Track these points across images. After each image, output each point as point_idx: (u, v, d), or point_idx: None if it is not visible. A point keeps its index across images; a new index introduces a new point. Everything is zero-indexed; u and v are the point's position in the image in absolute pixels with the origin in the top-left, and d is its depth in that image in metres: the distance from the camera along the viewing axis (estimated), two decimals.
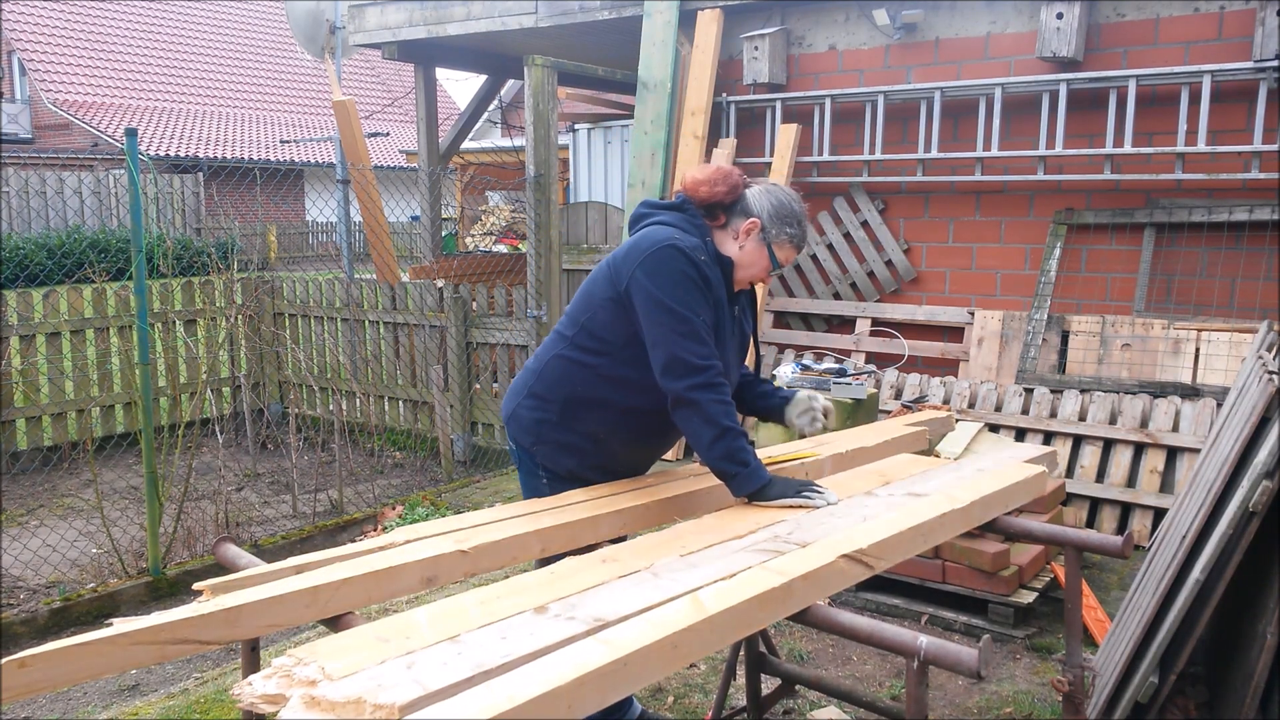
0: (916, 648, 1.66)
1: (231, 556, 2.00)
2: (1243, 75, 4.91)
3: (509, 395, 2.64)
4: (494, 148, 13.77)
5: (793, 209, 2.52)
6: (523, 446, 2.56)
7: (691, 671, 3.51)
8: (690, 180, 2.51)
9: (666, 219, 2.46)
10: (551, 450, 2.52)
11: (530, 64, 6.31)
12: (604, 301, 2.42)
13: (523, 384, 2.59)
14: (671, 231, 2.38)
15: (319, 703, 1.26)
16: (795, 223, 2.51)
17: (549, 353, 2.53)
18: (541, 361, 2.55)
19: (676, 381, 2.28)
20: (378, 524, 5.35)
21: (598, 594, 1.68)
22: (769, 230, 2.47)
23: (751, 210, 2.48)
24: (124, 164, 4.53)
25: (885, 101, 5.95)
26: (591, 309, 2.45)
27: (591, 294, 2.47)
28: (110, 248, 15.08)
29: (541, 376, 2.53)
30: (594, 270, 2.53)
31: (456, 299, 6.61)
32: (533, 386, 2.54)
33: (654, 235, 2.38)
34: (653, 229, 2.42)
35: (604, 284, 2.43)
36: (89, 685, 3.73)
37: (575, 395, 2.48)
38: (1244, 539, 2.31)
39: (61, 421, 6.49)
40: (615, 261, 2.43)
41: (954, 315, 5.94)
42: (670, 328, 2.28)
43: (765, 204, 2.49)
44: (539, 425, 2.52)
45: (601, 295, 2.43)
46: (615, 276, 2.39)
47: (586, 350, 2.45)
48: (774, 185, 2.58)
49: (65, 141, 22.11)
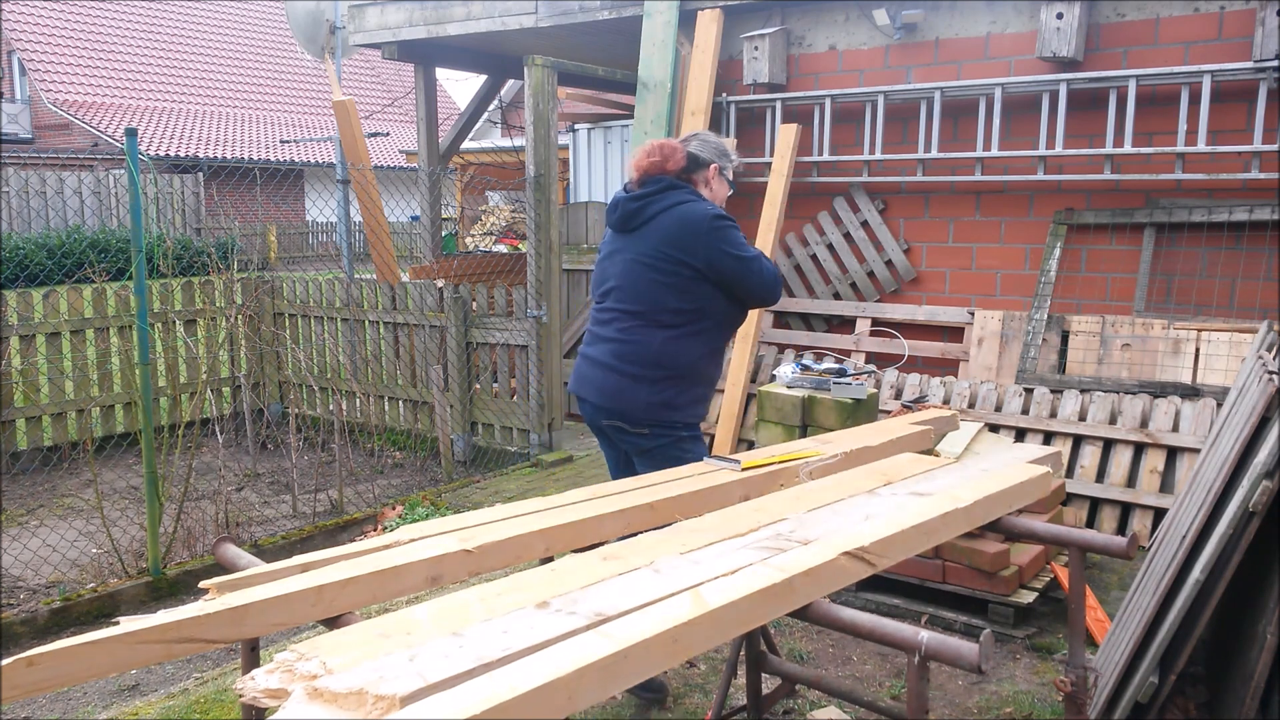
0: (917, 643, 1.67)
1: (231, 557, 2.00)
2: (1243, 75, 4.92)
3: (616, 395, 3.09)
4: (494, 148, 13.78)
5: (721, 143, 3.31)
6: (661, 425, 3.06)
7: (691, 671, 3.51)
8: (648, 162, 3.15)
9: (677, 197, 3.11)
10: (691, 409, 3.11)
11: (530, 64, 6.31)
12: (688, 280, 3.04)
13: (639, 373, 3.05)
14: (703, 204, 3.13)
15: (321, 694, 1.27)
16: (730, 151, 3.32)
17: (655, 339, 3.05)
18: (648, 348, 3.05)
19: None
20: (378, 524, 5.35)
21: (599, 589, 1.68)
22: (724, 168, 3.26)
23: (704, 160, 3.20)
24: (124, 164, 4.54)
25: (885, 101, 5.95)
26: (677, 291, 3.04)
27: (665, 280, 3.05)
28: (110, 248, 15.08)
29: (659, 362, 3.04)
30: (641, 259, 3.09)
31: (456, 299, 6.61)
32: (652, 373, 3.04)
33: (697, 210, 3.08)
34: (689, 206, 3.09)
35: (676, 265, 3.04)
36: (89, 685, 3.73)
37: (694, 359, 3.08)
38: (1244, 539, 2.31)
39: (61, 421, 6.49)
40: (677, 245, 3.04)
41: (954, 315, 5.94)
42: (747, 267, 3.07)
43: (709, 150, 3.23)
44: (678, 396, 3.07)
45: (685, 276, 3.04)
46: (689, 255, 3.03)
47: (691, 321, 3.06)
48: (697, 134, 3.31)
49: (65, 141, 22.11)
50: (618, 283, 3.15)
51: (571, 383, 3.28)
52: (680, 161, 3.16)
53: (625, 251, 3.15)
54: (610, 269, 3.20)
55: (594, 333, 3.22)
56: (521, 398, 6.55)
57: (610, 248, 3.23)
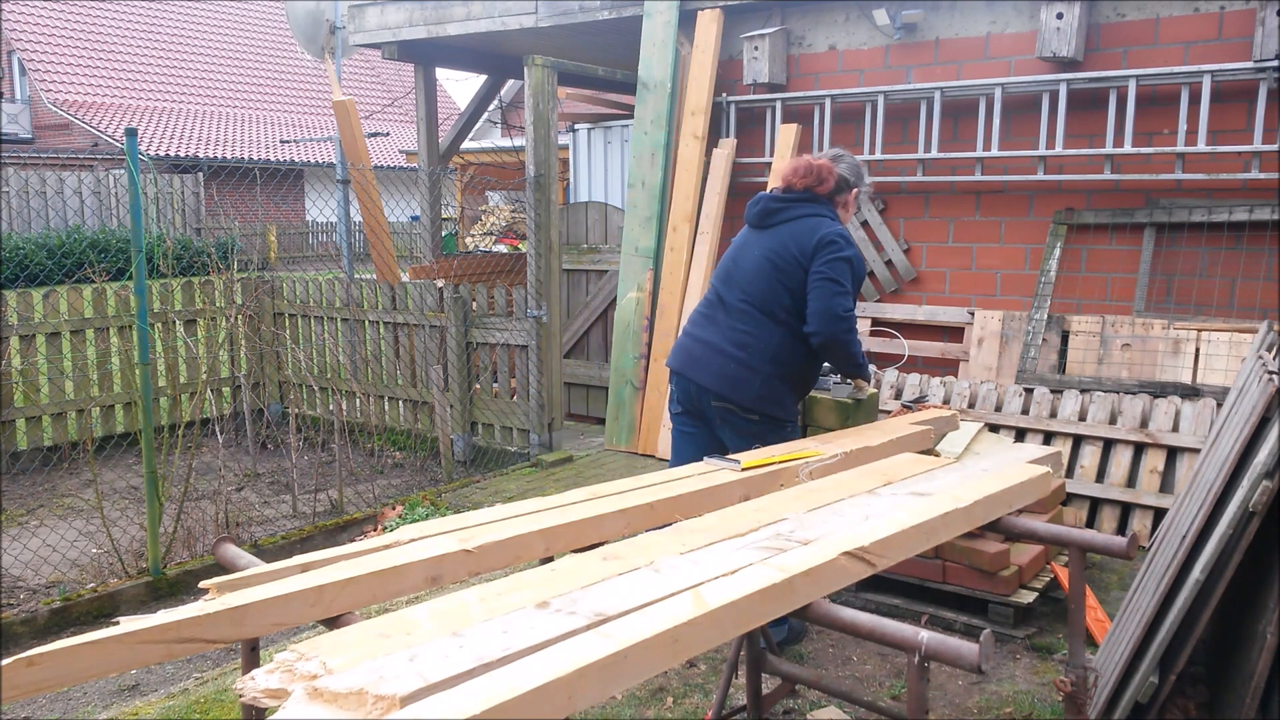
0: (918, 643, 1.67)
1: (231, 557, 2.00)
2: (1243, 75, 4.92)
3: (736, 383, 3.28)
4: (494, 148, 13.77)
5: (860, 166, 3.51)
6: (769, 415, 3.28)
7: (691, 672, 3.51)
8: (802, 184, 3.36)
9: (816, 210, 3.35)
10: (792, 406, 3.38)
11: (530, 64, 6.31)
12: (800, 282, 3.26)
13: (756, 365, 3.26)
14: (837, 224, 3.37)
15: (321, 694, 1.27)
16: (865, 171, 3.52)
17: (773, 336, 3.28)
18: (767, 343, 3.27)
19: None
20: (378, 524, 5.35)
21: (599, 589, 1.68)
22: (862, 192, 3.49)
23: (850, 184, 3.43)
24: (124, 164, 4.54)
25: (885, 101, 5.95)
26: (790, 291, 3.27)
27: (782, 276, 3.28)
28: (110, 248, 15.09)
29: (776, 358, 3.27)
30: (769, 255, 3.31)
31: (456, 299, 6.61)
32: (768, 368, 3.26)
33: (829, 224, 3.32)
34: (824, 220, 3.32)
35: (794, 265, 3.27)
36: (89, 685, 3.73)
37: (803, 362, 3.34)
38: (1244, 539, 2.31)
39: (61, 421, 6.49)
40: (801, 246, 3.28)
41: (954, 315, 5.94)
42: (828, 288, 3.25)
43: (855, 174, 3.46)
44: (784, 395, 3.31)
45: (799, 278, 3.25)
46: (806, 257, 3.24)
47: (801, 320, 3.28)
48: (843, 156, 3.50)
49: (65, 141, 22.11)
50: (742, 274, 3.37)
51: (675, 360, 3.47)
52: (830, 185, 3.36)
53: (755, 246, 3.39)
54: (738, 259, 3.44)
55: (708, 315, 3.42)
56: (521, 398, 6.55)
57: (742, 240, 3.49)
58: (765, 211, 3.39)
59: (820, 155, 3.51)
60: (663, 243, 6.50)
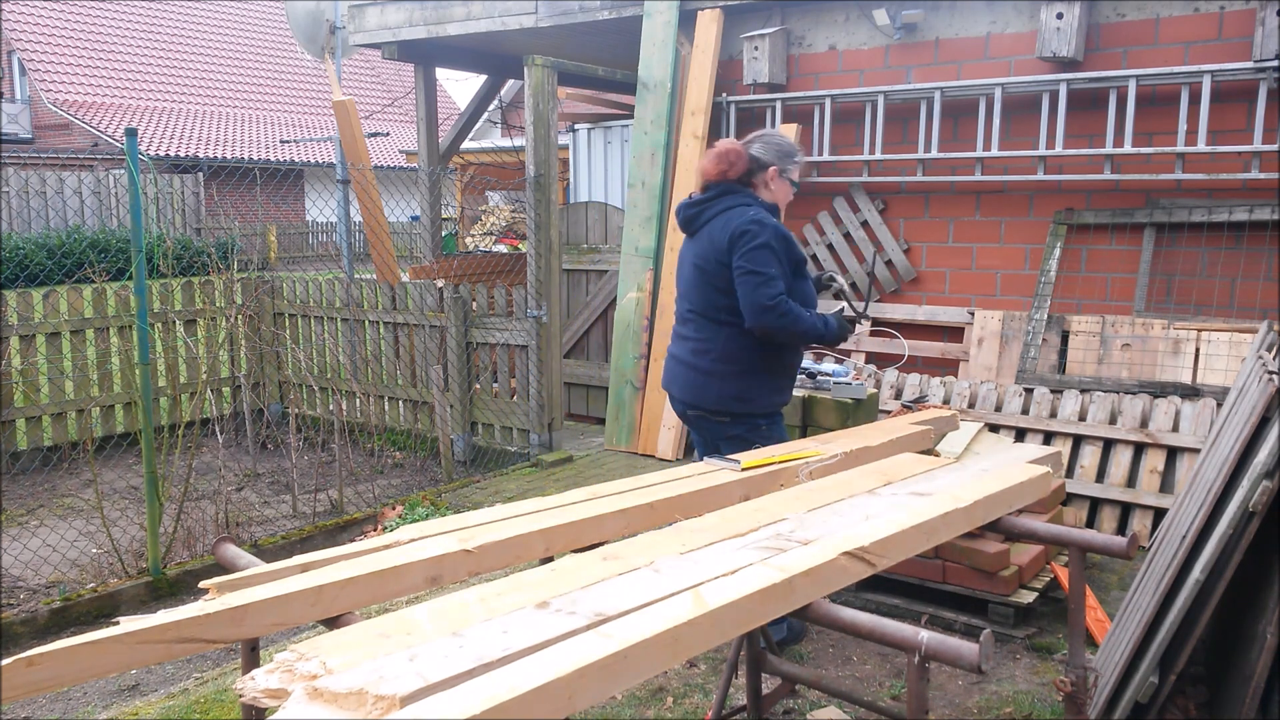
0: (918, 642, 1.66)
1: (231, 557, 2.00)
2: (1243, 75, 4.92)
3: (698, 389, 3.32)
4: (494, 148, 13.77)
5: (786, 143, 3.41)
6: (737, 414, 3.28)
7: (691, 672, 3.51)
8: (715, 170, 3.30)
9: (732, 201, 3.28)
10: (767, 399, 3.32)
11: (530, 64, 6.31)
12: (729, 281, 3.21)
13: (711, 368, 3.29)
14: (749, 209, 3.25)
15: (321, 694, 1.26)
16: (794, 152, 3.40)
17: (719, 337, 3.28)
18: (717, 345, 3.28)
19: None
20: (378, 524, 5.35)
21: (599, 589, 1.68)
22: (785, 169, 3.35)
23: (764, 163, 3.31)
24: (124, 164, 4.54)
25: (885, 101, 5.95)
26: (723, 291, 3.24)
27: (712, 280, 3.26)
28: (110, 248, 15.08)
29: (729, 357, 3.27)
30: (696, 260, 3.32)
31: (456, 299, 6.61)
32: (724, 368, 3.27)
33: (739, 214, 3.23)
34: (737, 211, 3.25)
35: (719, 266, 3.23)
36: (89, 685, 3.73)
37: (759, 353, 3.27)
38: (1244, 539, 2.31)
39: (61, 421, 6.49)
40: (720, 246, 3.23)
41: (954, 315, 5.94)
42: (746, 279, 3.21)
43: (770, 152, 3.33)
44: (749, 390, 3.28)
45: (726, 276, 3.22)
46: (728, 255, 3.20)
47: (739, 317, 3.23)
48: (762, 133, 3.42)
49: (65, 141, 22.11)
50: (684, 284, 3.45)
51: (663, 378, 3.58)
52: (741, 168, 3.30)
53: (688, 254, 3.43)
54: (680, 270, 3.50)
55: (676, 331, 3.53)
56: (521, 398, 6.55)
57: (682, 249, 3.53)
58: (686, 220, 3.41)
59: (742, 140, 3.46)
60: (663, 242, 6.50)
